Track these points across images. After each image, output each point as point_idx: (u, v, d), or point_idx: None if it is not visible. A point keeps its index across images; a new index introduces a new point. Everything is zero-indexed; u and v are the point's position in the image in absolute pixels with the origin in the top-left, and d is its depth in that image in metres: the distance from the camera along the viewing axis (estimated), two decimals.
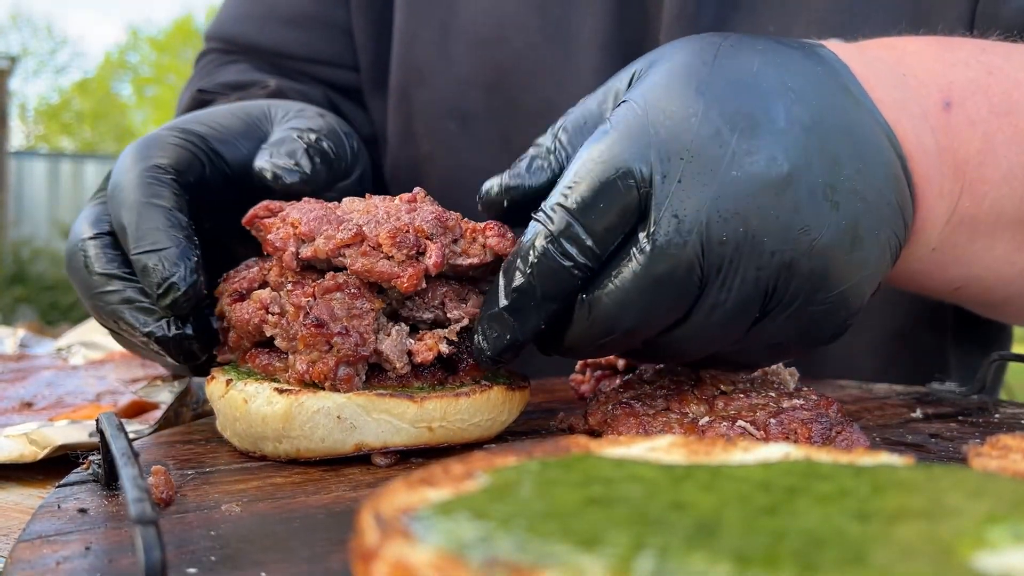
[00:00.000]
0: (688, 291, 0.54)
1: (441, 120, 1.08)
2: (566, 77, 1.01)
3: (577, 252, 0.54)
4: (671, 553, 0.25)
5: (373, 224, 0.58)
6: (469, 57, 1.05)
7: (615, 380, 0.71)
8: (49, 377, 1.01)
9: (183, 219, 0.63)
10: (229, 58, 1.21)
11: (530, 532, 0.27)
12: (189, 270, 0.60)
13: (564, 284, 0.55)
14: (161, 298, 0.60)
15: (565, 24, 1.01)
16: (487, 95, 1.05)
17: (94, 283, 0.64)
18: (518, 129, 1.03)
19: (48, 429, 0.68)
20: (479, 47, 1.05)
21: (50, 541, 0.42)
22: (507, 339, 0.57)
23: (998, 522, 0.29)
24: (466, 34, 1.05)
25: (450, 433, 0.59)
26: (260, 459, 0.58)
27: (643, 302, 0.54)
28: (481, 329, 0.57)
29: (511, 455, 0.37)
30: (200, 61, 1.26)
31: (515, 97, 1.04)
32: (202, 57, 1.26)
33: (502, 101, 1.05)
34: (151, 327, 0.62)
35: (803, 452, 0.39)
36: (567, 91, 1.01)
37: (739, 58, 0.57)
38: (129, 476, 0.42)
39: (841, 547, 0.26)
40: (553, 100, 1.02)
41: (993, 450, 0.47)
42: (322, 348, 0.56)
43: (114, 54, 26.11)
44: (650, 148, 0.54)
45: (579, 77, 1.00)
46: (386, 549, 0.26)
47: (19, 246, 9.69)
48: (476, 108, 1.06)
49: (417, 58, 1.08)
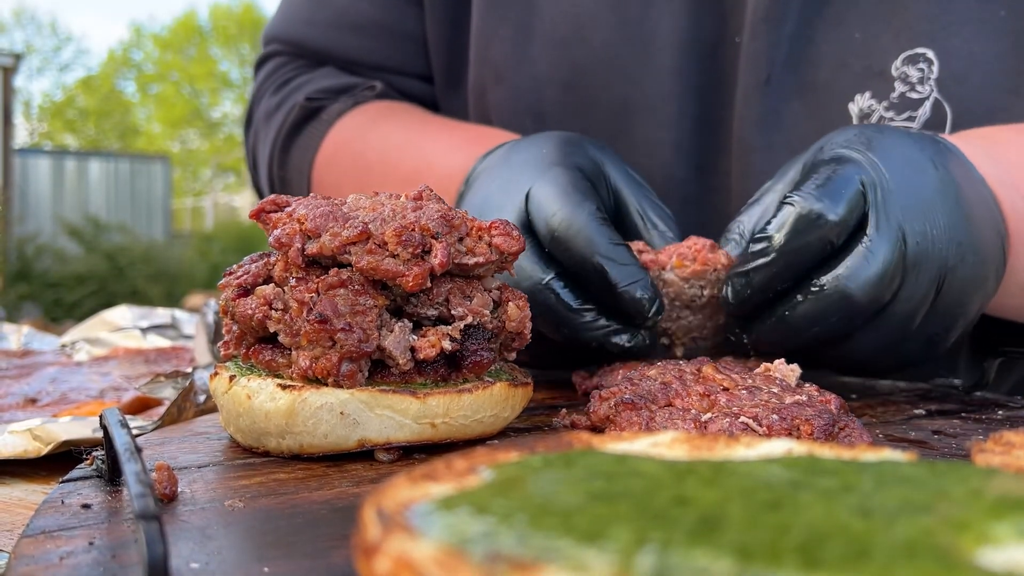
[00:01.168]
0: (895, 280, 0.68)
1: (517, 119, 1.08)
2: (643, 76, 1.01)
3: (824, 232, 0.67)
4: (673, 548, 0.25)
5: (379, 222, 0.58)
6: (547, 56, 1.05)
7: (617, 375, 0.71)
8: (53, 373, 1.01)
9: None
10: (302, 62, 1.22)
11: (532, 527, 0.27)
12: (656, 289, 0.72)
13: (813, 255, 0.68)
14: (651, 317, 0.71)
15: (643, 23, 1.01)
16: (564, 94, 1.05)
17: (571, 318, 0.73)
18: (593, 128, 1.04)
19: (52, 425, 0.69)
20: (557, 46, 1.05)
21: (54, 536, 0.42)
22: (747, 292, 0.70)
23: (1001, 518, 0.29)
24: (544, 33, 1.05)
25: (453, 429, 0.59)
26: (263, 455, 0.58)
27: (872, 286, 0.67)
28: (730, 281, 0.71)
29: (513, 450, 0.37)
30: (266, 64, 1.25)
31: (592, 96, 1.04)
32: (267, 60, 1.26)
33: (578, 100, 1.05)
34: (632, 343, 0.73)
35: (806, 448, 0.39)
36: (644, 90, 1.02)
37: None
38: (132, 472, 0.42)
39: (844, 542, 0.26)
40: (630, 99, 1.02)
41: (996, 446, 0.47)
42: (325, 344, 0.56)
43: (118, 51, 26.14)
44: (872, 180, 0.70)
45: (656, 77, 1.00)
46: (388, 544, 0.26)
47: (24, 243, 9.71)
48: (552, 107, 1.06)
49: (494, 57, 1.08)
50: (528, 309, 0.64)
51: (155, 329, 1.34)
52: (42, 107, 24.68)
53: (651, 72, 1.01)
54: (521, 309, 0.63)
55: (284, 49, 1.23)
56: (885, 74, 0.92)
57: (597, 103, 1.04)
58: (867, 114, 0.93)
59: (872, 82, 0.92)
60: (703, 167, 1.02)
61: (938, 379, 0.87)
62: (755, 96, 0.96)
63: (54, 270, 9.54)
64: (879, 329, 0.70)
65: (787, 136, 0.95)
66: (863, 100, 0.93)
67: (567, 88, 1.05)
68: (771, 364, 0.67)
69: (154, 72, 26.23)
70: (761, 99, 0.96)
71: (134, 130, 25.49)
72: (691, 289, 0.75)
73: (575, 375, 0.79)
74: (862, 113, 0.93)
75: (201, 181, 25.34)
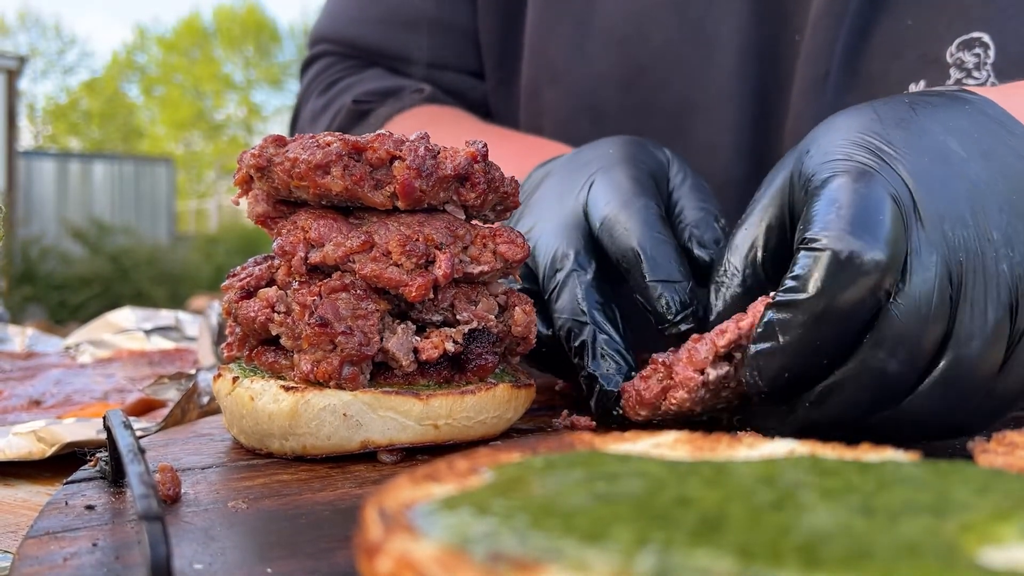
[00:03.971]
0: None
1: (574, 119, 1.06)
2: (703, 77, 1.00)
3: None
4: (675, 548, 0.25)
5: (383, 231, 0.58)
6: (606, 54, 1.04)
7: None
8: (57, 375, 1.01)
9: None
10: (350, 62, 1.20)
11: (534, 527, 0.27)
12: (699, 304, 0.65)
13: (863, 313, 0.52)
14: (672, 323, 0.65)
15: (704, 23, 0.99)
16: (622, 93, 1.03)
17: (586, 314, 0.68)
18: (651, 129, 1.02)
19: (56, 427, 0.69)
20: (617, 44, 1.03)
21: (58, 537, 0.43)
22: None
23: (1004, 518, 0.29)
24: (603, 31, 1.04)
25: (456, 431, 0.59)
26: (266, 456, 0.58)
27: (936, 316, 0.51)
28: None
29: (515, 451, 0.37)
30: (314, 65, 1.24)
31: (650, 96, 1.02)
32: (314, 61, 1.24)
33: (637, 100, 1.03)
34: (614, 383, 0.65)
35: (808, 448, 0.39)
36: (704, 91, 1.00)
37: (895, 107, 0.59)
38: (136, 473, 0.43)
39: (846, 542, 0.26)
40: (689, 99, 1.01)
41: (999, 446, 0.47)
42: (326, 347, 0.56)
43: (122, 54, 26.19)
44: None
45: (716, 78, 0.99)
46: (390, 544, 0.26)
47: (28, 245, 9.73)
48: (610, 106, 1.04)
49: (551, 55, 1.07)
50: (534, 314, 0.64)
51: (159, 331, 1.34)
52: (46, 110, 24.74)
53: (711, 73, 0.99)
54: (527, 314, 0.63)
55: (332, 49, 1.21)
56: (940, 61, 0.89)
57: (656, 103, 1.02)
58: None
59: (927, 70, 0.90)
60: (763, 169, 1.01)
61: None
62: (812, 93, 0.94)
63: (58, 272, 9.56)
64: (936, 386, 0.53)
65: None
66: (917, 89, 0.90)
67: (626, 88, 1.03)
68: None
69: (158, 74, 26.28)
70: (818, 96, 0.94)
71: (138, 132, 25.54)
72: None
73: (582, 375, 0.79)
74: None
75: (205, 183, 25.36)
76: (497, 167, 0.63)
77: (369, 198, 0.58)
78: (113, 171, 12.53)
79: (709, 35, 0.99)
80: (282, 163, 0.59)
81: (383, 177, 0.58)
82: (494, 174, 0.62)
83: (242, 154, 0.62)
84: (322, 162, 0.57)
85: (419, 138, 0.60)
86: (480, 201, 0.61)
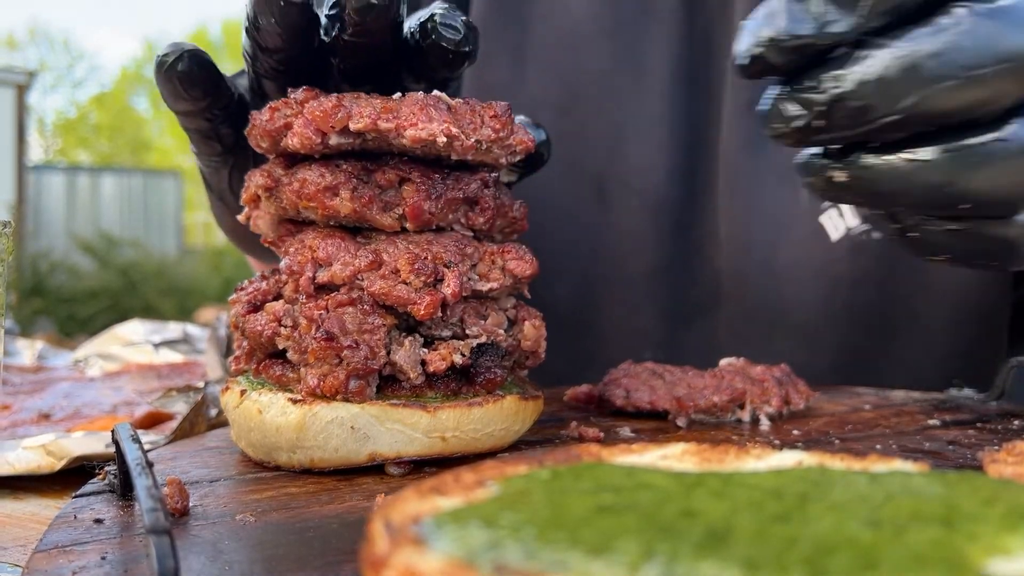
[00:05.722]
0: None
1: None
2: (636, 102, 1.02)
3: None
4: (680, 560, 0.25)
5: (391, 249, 0.59)
6: (541, 79, 1.06)
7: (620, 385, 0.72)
8: (66, 388, 1.02)
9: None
10: None
11: (540, 540, 0.27)
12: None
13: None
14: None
15: (635, 49, 1.02)
16: (559, 118, 1.05)
17: None
18: (587, 153, 1.04)
19: (65, 440, 0.69)
20: (552, 69, 1.05)
21: (66, 551, 0.43)
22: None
23: (1012, 528, 0.28)
24: (539, 57, 1.06)
25: (463, 443, 0.59)
26: (274, 469, 0.58)
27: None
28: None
29: (522, 463, 0.37)
30: None
31: (586, 120, 1.05)
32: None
33: (573, 124, 1.05)
34: None
35: (816, 459, 0.39)
36: (637, 115, 1.02)
37: None
38: (144, 486, 0.43)
39: (852, 553, 0.26)
40: (622, 125, 1.03)
41: (1009, 456, 0.47)
42: (332, 361, 0.56)
43: (131, 68, 26.32)
44: None
45: (649, 102, 1.02)
46: (396, 556, 0.26)
47: (37, 259, 9.76)
48: (547, 130, 1.06)
49: (488, 78, 1.08)
50: (544, 329, 0.64)
51: (167, 344, 1.35)
52: (55, 124, 24.89)
53: (644, 98, 1.02)
54: (537, 329, 0.63)
55: None
56: None
57: (592, 127, 1.05)
58: None
59: None
60: (695, 190, 1.03)
61: (952, 389, 0.86)
62: (740, 120, 0.98)
63: (67, 285, 9.58)
64: None
65: (771, 159, 0.96)
66: None
67: (562, 112, 1.05)
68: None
69: None
70: (745, 123, 0.97)
71: (147, 146, 25.65)
72: None
73: (572, 392, 0.79)
74: None
75: None
76: (507, 192, 0.63)
77: (378, 220, 0.58)
78: (122, 184, 12.58)
79: (641, 61, 1.02)
80: (290, 184, 0.59)
81: (392, 199, 0.58)
82: (503, 199, 0.62)
83: (250, 173, 0.63)
84: (331, 184, 0.57)
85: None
86: (488, 225, 0.61)
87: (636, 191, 1.03)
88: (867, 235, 0.94)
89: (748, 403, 0.72)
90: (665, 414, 0.72)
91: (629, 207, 1.04)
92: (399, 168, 0.59)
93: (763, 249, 0.99)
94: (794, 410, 0.75)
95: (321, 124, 0.56)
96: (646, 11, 1.02)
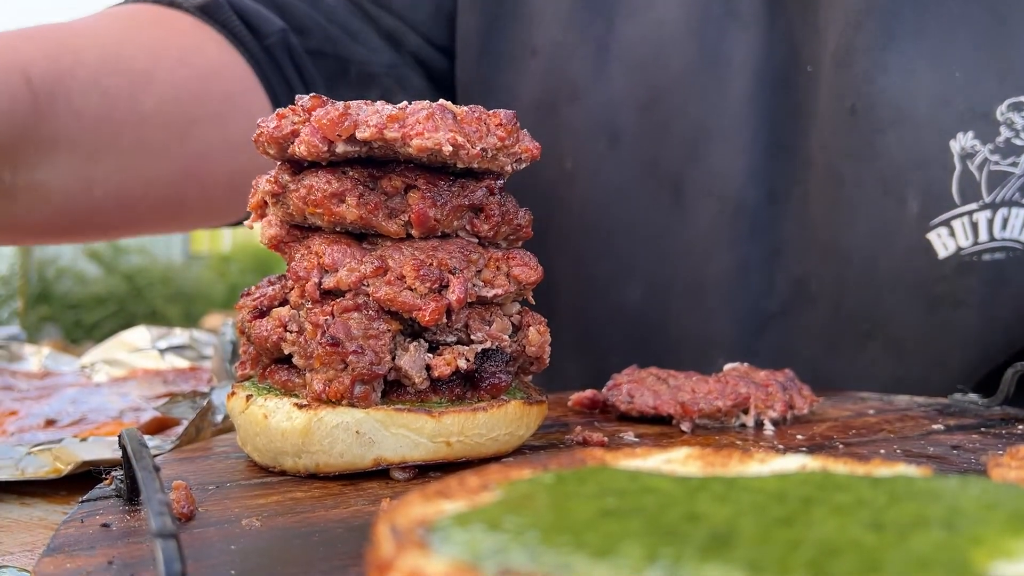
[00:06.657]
0: None
1: (590, 137, 1.07)
2: (719, 102, 1.02)
3: None
4: (684, 563, 0.25)
5: (397, 255, 0.59)
6: (625, 77, 1.05)
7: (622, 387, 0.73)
8: (73, 394, 1.02)
9: None
10: None
11: (544, 543, 0.27)
12: None
13: None
14: None
15: (719, 49, 1.01)
16: (640, 116, 1.05)
17: None
18: (666, 152, 1.03)
19: (72, 445, 0.69)
20: (636, 67, 1.05)
21: (73, 555, 0.43)
22: None
23: (1015, 532, 0.29)
24: (623, 54, 1.05)
25: (468, 448, 0.59)
26: (280, 474, 0.59)
27: None
28: None
29: (526, 467, 0.37)
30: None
31: (667, 120, 1.04)
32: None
33: (654, 123, 1.04)
34: None
35: (820, 463, 0.39)
36: (719, 116, 1.02)
37: None
38: (150, 491, 0.43)
39: (855, 557, 0.26)
40: (704, 124, 1.02)
41: (1013, 460, 0.47)
42: (337, 366, 0.56)
43: None
44: None
45: (732, 103, 1.01)
46: (401, 560, 0.26)
47: (44, 265, 9.79)
48: (627, 128, 1.06)
49: (571, 74, 1.08)
50: (548, 335, 0.64)
51: (173, 350, 1.35)
52: None
53: (727, 98, 1.01)
54: (542, 335, 0.63)
55: None
56: (989, 116, 0.92)
57: (673, 127, 1.04)
58: (970, 154, 0.92)
59: (976, 123, 0.92)
60: (775, 194, 1.02)
61: (956, 394, 0.86)
62: (842, 126, 0.96)
63: (74, 292, 9.60)
64: None
65: (880, 166, 0.95)
66: (965, 139, 0.92)
67: (644, 110, 1.05)
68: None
69: None
70: (849, 129, 0.95)
71: None
72: None
73: (576, 397, 0.79)
74: (964, 152, 0.92)
75: None
76: (512, 200, 0.63)
77: (383, 227, 0.59)
78: None
79: (723, 61, 1.01)
80: (297, 190, 0.59)
81: (397, 205, 0.59)
82: (508, 207, 0.62)
83: (257, 179, 0.63)
84: (337, 191, 0.58)
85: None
86: (493, 232, 0.61)
87: (714, 193, 1.01)
88: (978, 257, 0.93)
89: (752, 408, 0.72)
90: (669, 419, 0.72)
91: (706, 209, 1.03)
92: (405, 175, 0.59)
93: (863, 259, 0.97)
94: (798, 415, 0.75)
95: (328, 132, 0.56)
96: (730, 12, 1.01)
